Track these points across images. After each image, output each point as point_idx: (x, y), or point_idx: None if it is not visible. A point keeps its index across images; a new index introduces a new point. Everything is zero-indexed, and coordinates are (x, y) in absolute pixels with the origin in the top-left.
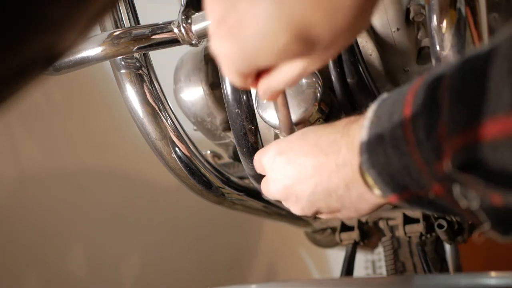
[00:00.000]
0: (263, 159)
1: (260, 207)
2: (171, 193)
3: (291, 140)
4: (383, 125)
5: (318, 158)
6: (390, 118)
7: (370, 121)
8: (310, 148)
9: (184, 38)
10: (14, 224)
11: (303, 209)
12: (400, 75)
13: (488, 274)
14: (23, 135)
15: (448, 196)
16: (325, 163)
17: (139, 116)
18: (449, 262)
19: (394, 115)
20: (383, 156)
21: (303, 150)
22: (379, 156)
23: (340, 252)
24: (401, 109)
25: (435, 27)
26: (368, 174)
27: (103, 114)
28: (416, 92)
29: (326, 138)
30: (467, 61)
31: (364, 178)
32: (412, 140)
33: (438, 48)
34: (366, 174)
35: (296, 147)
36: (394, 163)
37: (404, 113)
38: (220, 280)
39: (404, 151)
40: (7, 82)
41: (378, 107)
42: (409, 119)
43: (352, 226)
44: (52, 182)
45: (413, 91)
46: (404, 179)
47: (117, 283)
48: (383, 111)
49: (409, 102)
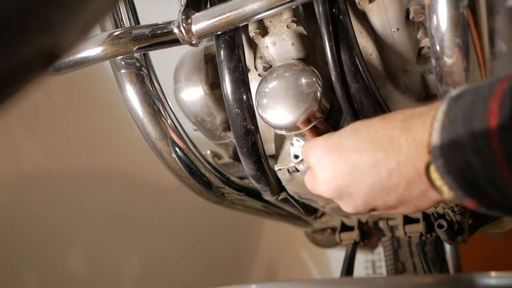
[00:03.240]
0: (310, 158)
1: (260, 207)
2: (171, 193)
3: (341, 136)
4: (459, 131)
5: (376, 155)
6: (468, 124)
7: (441, 123)
8: (364, 144)
9: (184, 38)
10: (15, 224)
11: (357, 207)
12: (400, 75)
13: (488, 274)
14: (23, 135)
15: None
16: (385, 160)
17: (139, 116)
18: (449, 262)
19: (474, 122)
20: (463, 163)
21: (357, 147)
22: (457, 162)
23: (340, 252)
24: (484, 117)
25: (435, 27)
26: (442, 179)
27: (103, 114)
28: (502, 100)
29: (384, 134)
30: None
31: (430, 177)
32: (499, 152)
33: (438, 48)
34: (435, 176)
35: (348, 143)
36: (475, 171)
37: (489, 123)
38: (220, 280)
39: (488, 161)
40: (7, 82)
41: (449, 108)
42: (495, 130)
43: (352, 226)
44: (52, 182)
45: (497, 98)
46: (486, 187)
47: (117, 283)
48: (456, 114)
49: (495, 112)
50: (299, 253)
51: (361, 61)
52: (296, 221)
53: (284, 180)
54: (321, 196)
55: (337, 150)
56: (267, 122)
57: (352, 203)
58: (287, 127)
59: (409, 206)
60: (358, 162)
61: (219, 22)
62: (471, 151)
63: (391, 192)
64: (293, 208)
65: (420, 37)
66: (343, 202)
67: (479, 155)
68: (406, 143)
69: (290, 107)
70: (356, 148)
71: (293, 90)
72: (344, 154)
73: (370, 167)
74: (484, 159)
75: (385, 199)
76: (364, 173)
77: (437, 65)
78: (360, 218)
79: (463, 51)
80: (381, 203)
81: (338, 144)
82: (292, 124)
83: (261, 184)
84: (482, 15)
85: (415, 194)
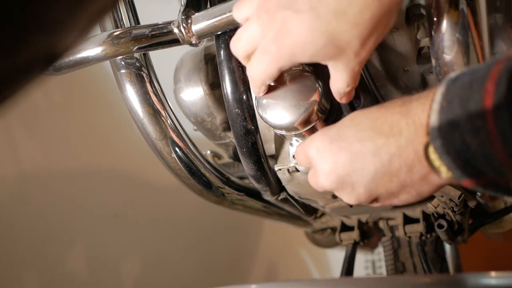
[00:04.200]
0: (310, 151)
1: (260, 207)
2: (171, 193)
3: (340, 127)
4: (456, 111)
5: (377, 142)
6: (465, 105)
7: (439, 104)
8: (365, 133)
9: (184, 38)
10: (15, 224)
11: (359, 198)
12: (400, 75)
13: (488, 274)
14: (23, 135)
15: None
16: (385, 146)
17: (139, 116)
18: (449, 262)
19: (471, 102)
20: (460, 143)
21: (357, 136)
22: (455, 142)
23: (340, 252)
24: (480, 98)
25: (435, 27)
26: (441, 159)
27: (103, 114)
28: (497, 80)
29: (384, 120)
30: None
31: (429, 159)
32: (495, 132)
33: (438, 48)
34: (434, 156)
35: (348, 133)
36: (472, 151)
37: (484, 103)
38: (220, 280)
39: (484, 141)
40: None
41: (447, 90)
42: (491, 110)
43: (352, 226)
44: (52, 182)
45: (493, 78)
46: (483, 166)
47: (117, 283)
48: (454, 94)
49: (490, 92)
50: (299, 253)
51: None
52: (296, 221)
53: (284, 180)
54: (321, 196)
55: (337, 140)
56: (267, 122)
57: (355, 193)
58: (286, 127)
59: (411, 193)
60: (359, 151)
61: (219, 22)
62: (468, 131)
63: (393, 179)
64: (293, 208)
65: (420, 37)
66: (345, 193)
67: (476, 135)
68: (406, 127)
69: (290, 107)
70: (356, 137)
71: (293, 90)
72: (345, 143)
73: (372, 155)
74: (480, 139)
75: (387, 186)
76: (366, 161)
77: (437, 65)
78: (360, 218)
79: (463, 51)
80: (384, 191)
81: (338, 135)
82: (292, 124)
83: (261, 184)
84: (482, 15)
85: (416, 178)
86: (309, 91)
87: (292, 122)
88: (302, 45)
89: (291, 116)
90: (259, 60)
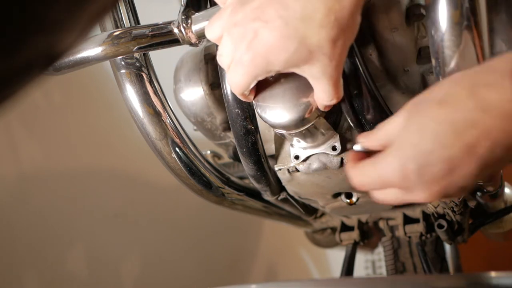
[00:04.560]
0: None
1: (260, 207)
2: (171, 193)
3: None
4: None
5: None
6: None
7: None
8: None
9: (184, 38)
10: (15, 224)
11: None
12: (400, 75)
13: (488, 274)
14: (23, 135)
15: None
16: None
17: (139, 116)
18: (449, 262)
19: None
20: None
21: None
22: None
23: (340, 252)
24: None
25: (435, 27)
26: None
27: (103, 114)
28: None
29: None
30: None
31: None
32: None
33: (438, 48)
34: None
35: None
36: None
37: None
38: (220, 280)
39: None
40: (7, 82)
41: None
42: None
43: (352, 226)
44: (52, 182)
45: None
46: None
47: (117, 283)
48: None
49: None
50: (299, 253)
51: (361, 61)
52: (296, 221)
53: (284, 180)
54: (322, 196)
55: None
56: (266, 121)
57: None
58: (286, 126)
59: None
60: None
61: None
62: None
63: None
64: (293, 208)
65: (420, 37)
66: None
67: None
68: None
69: (289, 107)
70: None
71: (292, 89)
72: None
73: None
74: None
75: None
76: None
77: (437, 65)
78: (360, 218)
79: (463, 50)
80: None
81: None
82: (292, 123)
83: (261, 184)
84: (482, 15)
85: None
86: (308, 89)
87: (292, 121)
88: (276, 52)
89: (290, 115)
90: (234, 71)
